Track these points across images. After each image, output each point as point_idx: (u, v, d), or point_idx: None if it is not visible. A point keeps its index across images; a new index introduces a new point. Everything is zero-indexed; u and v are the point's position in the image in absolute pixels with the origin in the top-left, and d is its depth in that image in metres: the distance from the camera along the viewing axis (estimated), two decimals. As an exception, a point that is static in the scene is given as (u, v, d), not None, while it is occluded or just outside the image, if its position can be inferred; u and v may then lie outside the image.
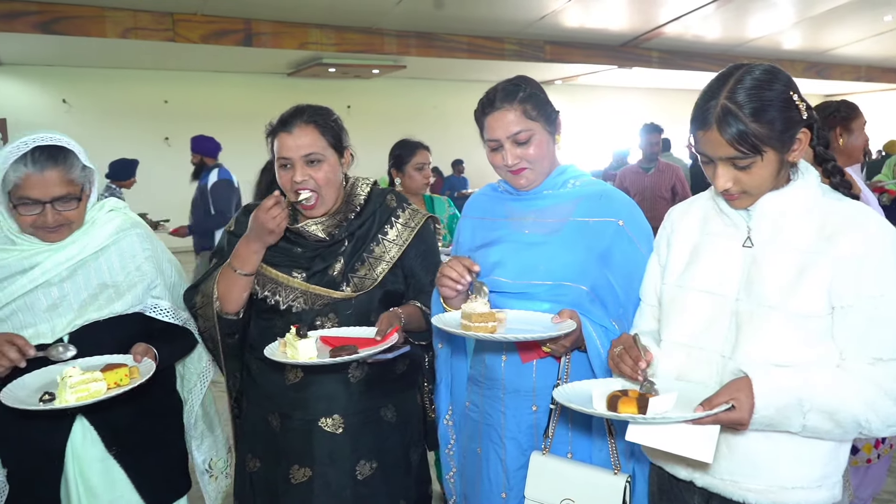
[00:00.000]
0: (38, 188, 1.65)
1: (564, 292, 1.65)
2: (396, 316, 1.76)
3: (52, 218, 1.68)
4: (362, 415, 1.86)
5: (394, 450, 1.91)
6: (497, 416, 1.74)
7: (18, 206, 1.66)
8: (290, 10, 9.33)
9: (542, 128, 1.71)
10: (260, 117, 9.15)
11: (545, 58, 11.93)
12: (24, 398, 1.56)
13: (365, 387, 1.86)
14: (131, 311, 1.79)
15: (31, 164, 1.64)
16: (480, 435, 1.78)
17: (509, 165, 1.70)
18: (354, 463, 1.84)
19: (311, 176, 1.80)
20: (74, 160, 1.71)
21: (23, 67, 11.68)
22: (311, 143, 1.80)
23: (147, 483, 1.81)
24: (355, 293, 1.84)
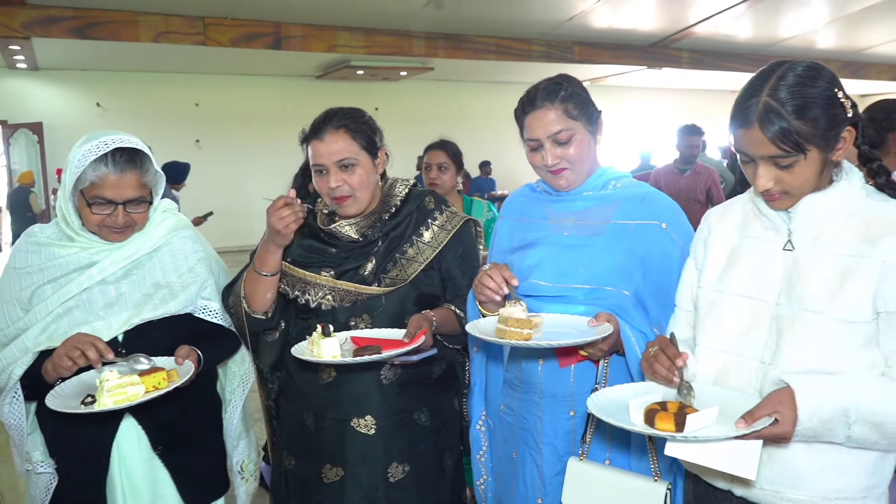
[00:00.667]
0: (115, 189, 1.69)
1: (604, 296, 1.62)
2: (427, 319, 1.75)
3: (123, 219, 1.71)
4: (395, 417, 1.86)
5: (427, 454, 1.90)
6: (533, 420, 1.72)
7: (92, 205, 1.69)
8: (319, 13, 9.38)
9: (584, 127, 1.68)
10: (289, 120, 9.39)
11: (573, 59, 11.84)
12: (69, 399, 1.58)
13: (398, 389, 1.86)
14: (183, 312, 1.81)
15: (111, 165, 1.68)
16: (516, 439, 1.76)
17: (549, 166, 1.68)
18: (386, 465, 1.84)
19: (345, 181, 1.80)
20: (149, 164, 1.75)
21: (58, 72, 11.91)
22: (343, 149, 1.80)
23: (188, 483, 1.82)
24: (385, 290, 1.83)
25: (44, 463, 1.77)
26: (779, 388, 1.28)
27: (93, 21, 8.52)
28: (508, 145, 15.15)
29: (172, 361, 1.70)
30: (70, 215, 1.74)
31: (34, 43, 9.27)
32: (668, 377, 1.35)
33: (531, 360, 1.71)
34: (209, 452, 1.94)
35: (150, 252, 1.81)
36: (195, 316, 1.86)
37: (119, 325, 1.74)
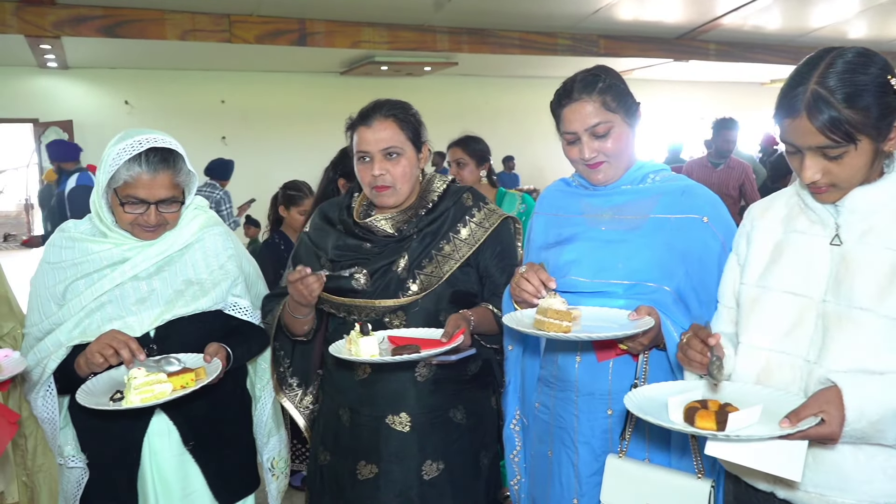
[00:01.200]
0: (148, 189, 1.69)
1: (644, 292, 1.59)
2: (465, 318, 1.72)
3: (155, 219, 1.72)
4: (430, 414, 1.84)
5: (463, 452, 1.88)
6: (570, 419, 1.69)
7: (125, 204, 1.69)
8: (343, 9, 9.39)
9: (622, 120, 1.65)
10: (314, 116, 9.47)
11: (599, 52, 11.72)
12: (99, 396, 1.60)
13: (433, 386, 1.84)
14: (214, 309, 1.81)
15: (144, 165, 1.68)
16: (552, 437, 1.73)
17: (586, 159, 1.65)
18: (421, 462, 1.83)
19: (388, 170, 1.79)
20: (182, 164, 1.75)
21: (88, 70, 12.07)
22: (390, 137, 1.79)
23: (219, 479, 1.83)
24: (421, 293, 1.81)
25: (75, 458, 1.78)
26: (825, 387, 1.24)
27: (121, 19, 8.61)
28: (532, 140, 15.11)
29: (201, 359, 1.70)
30: (103, 212, 1.75)
31: (64, 42, 9.40)
32: (703, 361, 1.31)
33: (568, 356, 1.68)
34: (239, 449, 1.95)
35: (182, 249, 1.81)
36: (225, 313, 1.86)
37: (151, 321, 1.75)
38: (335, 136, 8.02)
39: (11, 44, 9.44)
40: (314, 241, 1.96)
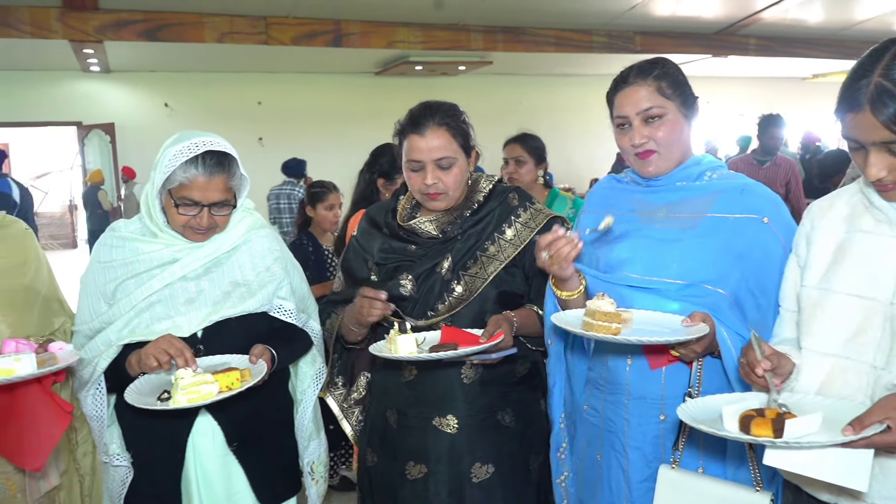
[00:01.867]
0: (202, 192, 1.70)
1: (698, 293, 1.54)
2: (507, 320, 1.70)
3: (207, 221, 1.73)
4: (477, 416, 1.83)
5: (512, 455, 1.86)
6: (620, 423, 1.65)
7: (179, 206, 1.71)
8: (378, 10, 9.42)
9: (677, 109, 1.60)
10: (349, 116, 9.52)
11: (635, 49, 11.58)
12: (146, 395, 1.61)
13: (480, 388, 1.82)
14: (260, 311, 1.81)
15: (201, 167, 1.69)
16: (601, 441, 1.69)
17: (636, 145, 1.60)
18: (470, 464, 1.81)
19: (441, 178, 1.77)
20: (236, 168, 1.76)
21: (129, 74, 12.31)
22: (443, 147, 1.77)
23: (261, 481, 1.83)
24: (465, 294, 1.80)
25: (120, 456, 1.80)
26: (892, 393, 1.18)
27: (161, 23, 8.76)
28: (567, 139, 14.98)
29: (247, 360, 1.70)
30: (155, 212, 1.77)
31: (106, 46, 9.59)
32: (765, 384, 1.27)
33: (619, 359, 1.64)
34: (282, 451, 1.95)
35: (230, 250, 1.82)
36: (270, 315, 1.86)
37: (199, 322, 1.76)
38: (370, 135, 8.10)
39: (56, 49, 9.67)
40: (362, 245, 1.96)
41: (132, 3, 8.35)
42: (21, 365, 1.47)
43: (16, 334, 1.63)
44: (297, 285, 1.96)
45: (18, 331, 1.66)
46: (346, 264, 1.98)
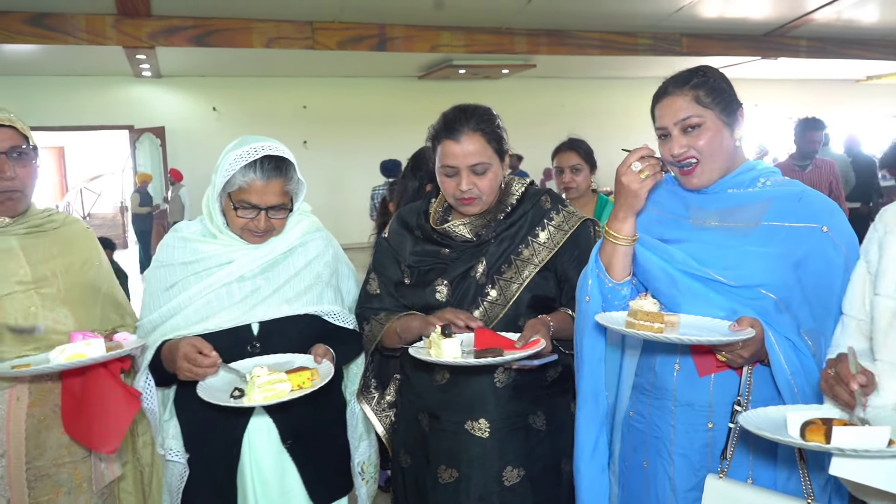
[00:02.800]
0: (260, 195, 1.75)
1: (749, 296, 1.51)
2: (544, 324, 1.70)
3: (264, 224, 1.77)
4: (509, 420, 1.83)
5: (543, 458, 1.86)
6: (666, 429, 1.63)
7: (237, 209, 1.76)
8: (422, 14, 9.49)
9: (716, 117, 1.58)
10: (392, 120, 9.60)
11: (681, 51, 11.43)
12: (217, 391, 1.64)
13: (512, 392, 1.82)
14: (312, 312, 1.85)
15: (259, 172, 1.74)
16: (647, 448, 1.67)
17: (675, 156, 1.59)
18: (501, 468, 1.81)
19: (475, 184, 1.78)
20: (293, 173, 1.80)
21: (179, 79, 12.63)
22: (478, 152, 1.77)
23: (315, 479, 1.85)
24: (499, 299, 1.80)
25: (176, 452, 1.85)
26: None
27: (210, 29, 8.97)
28: (612, 142, 14.78)
29: (310, 359, 1.74)
30: (215, 214, 1.82)
31: (158, 52, 9.85)
32: (852, 403, 1.22)
33: (667, 363, 1.63)
34: (335, 451, 1.97)
35: (286, 252, 1.86)
36: (321, 317, 1.89)
37: (254, 320, 1.80)
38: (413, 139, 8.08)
39: (110, 54, 9.97)
40: (393, 247, 1.97)
41: (183, 9, 8.58)
42: (91, 349, 1.54)
43: (82, 328, 1.70)
44: (350, 289, 2.00)
45: (84, 325, 1.73)
46: (376, 265, 1.99)
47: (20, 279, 1.67)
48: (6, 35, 8.31)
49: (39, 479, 1.67)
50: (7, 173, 1.61)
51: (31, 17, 8.28)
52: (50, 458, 1.69)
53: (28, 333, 1.57)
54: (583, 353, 1.73)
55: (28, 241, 1.71)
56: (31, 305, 1.66)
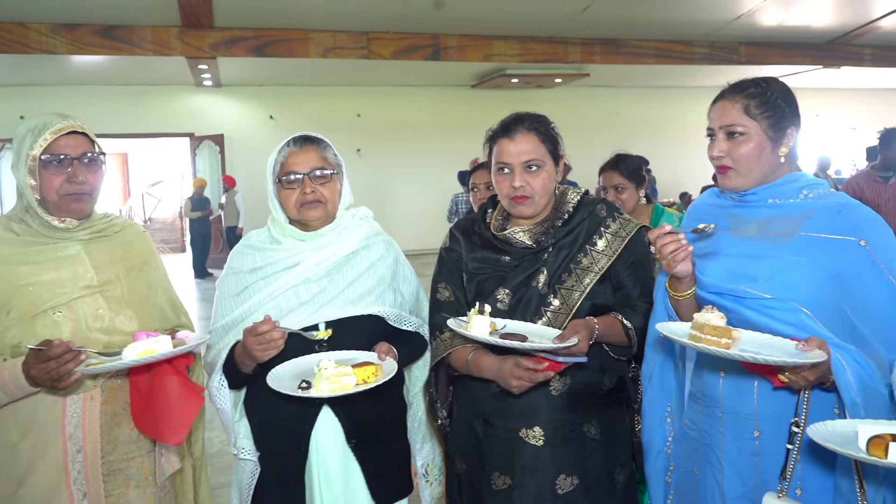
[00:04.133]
0: (299, 164, 1.87)
1: (784, 309, 1.51)
2: (588, 325, 1.71)
3: (310, 190, 1.86)
4: (564, 429, 1.83)
5: (597, 467, 1.85)
6: (716, 436, 1.63)
7: (283, 182, 1.87)
8: (476, 24, 9.55)
9: (762, 130, 1.59)
10: (444, 129, 9.64)
11: (739, 60, 11.23)
12: (286, 382, 1.70)
13: (567, 400, 1.83)
14: (374, 314, 1.89)
15: (293, 145, 1.90)
16: (699, 455, 1.68)
17: (713, 157, 1.63)
18: (555, 476, 1.81)
19: (528, 182, 1.81)
20: (327, 146, 1.93)
21: (238, 88, 12.98)
22: (532, 150, 1.82)
23: (377, 479, 1.89)
24: (562, 308, 1.81)
25: (247, 450, 1.91)
26: None
27: (270, 40, 9.21)
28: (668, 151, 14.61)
29: (373, 356, 1.78)
30: (276, 211, 1.93)
31: (219, 62, 10.16)
32: None
33: (712, 372, 1.64)
34: (396, 452, 2.00)
35: (348, 255, 1.92)
36: (384, 319, 1.92)
37: (320, 321, 1.85)
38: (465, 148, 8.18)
39: (173, 65, 10.32)
40: (454, 256, 2.00)
41: (244, 21, 8.83)
42: (160, 345, 1.62)
43: (145, 328, 1.78)
44: (411, 292, 2.04)
45: (147, 326, 1.81)
46: (439, 276, 2.02)
47: (87, 283, 1.74)
48: (79, 47, 8.69)
49: (112, 473, 1.75)
50: (79, 177, 1.69)
51: (101, 29, 8.64)
52: (121, 453, 1.77)
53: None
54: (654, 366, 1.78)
55: (92, 246, 1.79)
56: (99, 308, 1.74)
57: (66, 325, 1.67)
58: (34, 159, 1.66)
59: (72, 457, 1.69)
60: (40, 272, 1.69)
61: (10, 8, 8.01)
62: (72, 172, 1.68)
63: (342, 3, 8.34)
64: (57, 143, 1.67)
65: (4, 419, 1.66)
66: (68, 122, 1.70)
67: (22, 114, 11.87)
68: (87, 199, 1.74)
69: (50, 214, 1.71)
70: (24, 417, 1.66)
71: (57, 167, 1.67)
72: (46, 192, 1.68)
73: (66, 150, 1.68)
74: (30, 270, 1.68)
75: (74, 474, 1.69)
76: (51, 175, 1.67)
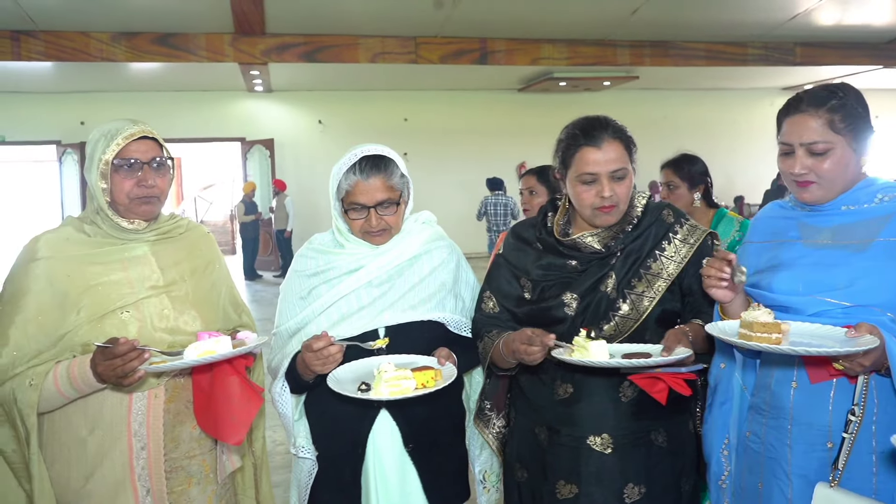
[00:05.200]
0: (365, 194, 1.85)
1: (864, 316, 1.46)
2: (684, 333, 1.67)
3: (376, 221, 1.86)
4: (632, 436, 1.80)
5: (664, 476, 1.82)
6: (782, 449, 1.58)
7: (349, 212, 1.87)
8: (523, 27, 9.53)
9: (846, 144, 1.54)
10: (491, 133, 9.65)
11: (794, 61, 10.96)
12: (346, 384, 1.71)
13: (636, 407, 1.80)
14: (436, 318, 1.90)
15: (359, 173, 1.85)
16: (762, 469, 1.63)
17: (795, 175, 1.57)
18: (622, 485, 1.78)
19: (615, 191, 1.78)
20: (394, 168, 1.88)
21: (288, 93, 13.21)
22: (619, 159, 1.78)
23: (434, 484, 1.89)
24: (631, 314, 1.78)
25: (306, 449, 1.93)
26: None
27: (320, 46, 9.35)
28: (718, 156, 14.28)
29: (433, 361, 1.78)
30: (339, 223, 1.93)
31: (270, 68, 10.35)
32: None
33: (783, 381, 1.59)
34: (454, 457, 1.99)
35: (411, 259, 1.93)
36: (443, 325, 1.92)
37: (381, 324, 1.87)
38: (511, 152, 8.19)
39: (226, 71, 10.57)
40: (512, 262, 1.96)
41: (295, 27, 8.98)
42: (220, 346, 1.65)
43: (208, 328, 1.81)
44: (473, 298, 2.02)
45: (210, 326, 1.84)
46: (492, 282, 1.99)
47: (153, 284, 1.79)
48: (137, 54, 8.96)
49: (174, 471, 1.79)
50: (148, 181, 1.74)
51: (158, 37, 8.90)
52: (183, 451, 1.81)
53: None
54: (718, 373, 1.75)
55: (158, 246, 1.84)
56: (164, 308, 1.78)
57: (132, 325, 1.72)
58: (106, 163, 1.71)
59: (136, 453, 1.73)
60: (109, 272, 1.74)
61: (72, 18, 8.30)
62: (142, 176, 1.73)
63: (391, 9, 8.42)
64: (128, 148, 1.72)
65: (74, 415, 1.72)
66: (139, 128, 1.75)
67: (83, 120, 12.33)
68: (156, 202, 1.79)
69: (120, 216, 1.76)
70: (92, 413, 1.71)
71: (128, 171, 1.72)
72: (117, 195, 1.73)
73: (137, 155, 1.73)
74: (100, 270, 1.73)
75: (139, 471, 1.74)
76: (122, 179, 1.72)
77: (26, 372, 1.65)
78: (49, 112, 12.46)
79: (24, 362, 1.66)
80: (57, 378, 1.64)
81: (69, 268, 1.71)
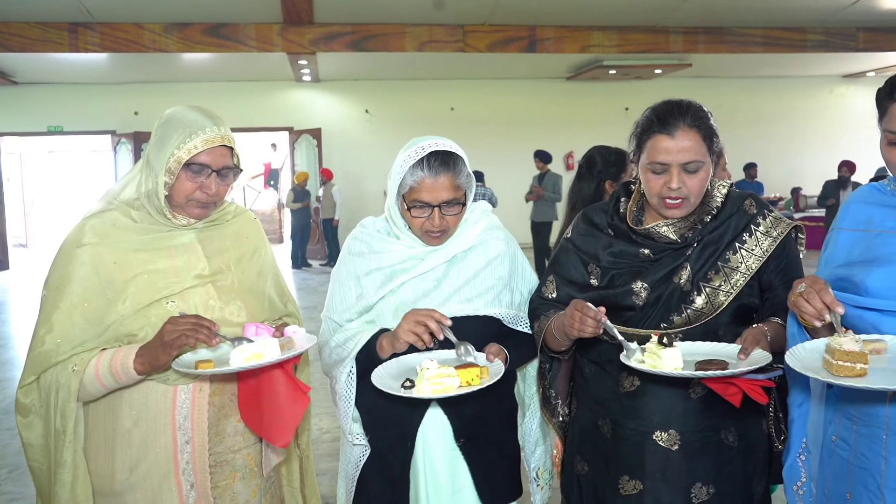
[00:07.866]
0: (430, 192, 1.75)
1: None
2: (763, 333, 1.58)
3: (439, 221, 1.78)
4: (700, 434, 1.71)
5: (735, 477, 1.73)
6: (876, 460, 1.45)
7: (411, 209, 1.78)
8: (572, 14, 9.37)
9: None
10: (538, 121, 9.53)
11: (857, 47, 10.54)
12: (390, 380, 1.66)
13: (705, 404, 1.70)
14: (491, 311, 1.83)
15: (426, 169, 1.74)
16: (852, 478, 1.50)
17: None
18: (690, 484, 1.70)
19: (685, 184, 1.67)
20: (462, 167, 1.79)
21: (335, 83, 13.27)
22: (693, 149, 1.67)
23: (485, 480, 1.84)
24: (705, 307, 1.69)
25: (360, 435, 1.87)
26: None
27: (367, 35, 9.35)
28: (775, 145, 13.85)
29: (484, 358, 1.72)
30: (396, 217, 1.85)
31: (318, 57, 10.39)
32: None
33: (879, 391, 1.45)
34: (506, 453, 1.94)
35: (466, 250, 1.86)
36: (497, 318, 1.86)
37: None
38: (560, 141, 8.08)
39: (275, 61, 10.66)
40: (580, 248, 1.88)
41: (343, 16, 8.99)
42: (268, 350, 1.60)
43: (253, 319, 1.77)
44: (530, 290, 1.96)
45: (256, 316, 1.80)
46: (557, 267, 1.91)
47: (199, 272, 1.74)
48: (188, 45, 9.10)
49: (219, 465, 1.76)
50: (211, 189, 1.69)
51: (209, 27, 9.01)
52: (227, 445, 1.77)
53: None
54: None
55: (204, 234, 1.79)
56: (210, 298, 1.74)
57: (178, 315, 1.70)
58: (178, 161, 1.66)
59: (181, 447, 1.70)
60: (155, 260, 1.70)
61: (126, 10, 8.46)
62: (206, 183, 1.69)
63: (439, -4, 8.36)
64: (204, 154, 1.67)
65: (119, 406, 1.69)
66: (220, 134, 1.69)
67: (136, 110, 12.61)
68: (211, 207, 1.76)
69: (172, 210, 1.72)
70: (137, 405, 1.69)
71: (195, 175, 1.68)
72: (176, 192, 1.69)
73: (209, 162, 1.68)
74: (146, 258, 1.70)
75: (183, 465, 1.71)
76: (186, 179, 1.68)
77: (71, 358, 1.62)
78: (104, 102, 12.78)
79: (69, 350, 1.63)
80: (99, 366, 1.62)
81: (115, 254, 1.67)
